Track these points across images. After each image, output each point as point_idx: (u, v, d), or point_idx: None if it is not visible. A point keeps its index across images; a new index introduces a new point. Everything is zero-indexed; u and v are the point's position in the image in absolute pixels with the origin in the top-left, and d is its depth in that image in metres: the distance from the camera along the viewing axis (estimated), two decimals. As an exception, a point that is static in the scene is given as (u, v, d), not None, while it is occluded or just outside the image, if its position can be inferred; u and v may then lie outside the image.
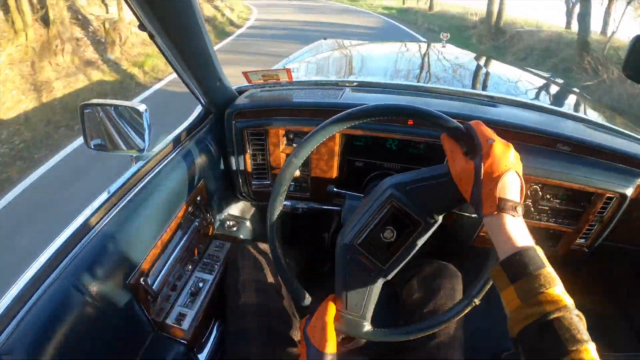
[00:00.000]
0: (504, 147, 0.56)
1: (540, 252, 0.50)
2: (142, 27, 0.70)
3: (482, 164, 0.55)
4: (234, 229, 1.09)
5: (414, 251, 0.66)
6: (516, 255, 0.49)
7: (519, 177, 0.56)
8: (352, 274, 0.67)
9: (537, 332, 0.45)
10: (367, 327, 0.69)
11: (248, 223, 1.11)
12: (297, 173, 1.04)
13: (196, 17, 0.71)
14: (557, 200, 0.92)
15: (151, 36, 0.72)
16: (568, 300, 0.46)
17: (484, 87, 1.45)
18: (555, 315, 0.44)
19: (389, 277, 0.67)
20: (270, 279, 0.90)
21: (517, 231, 0.52)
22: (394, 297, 0.99)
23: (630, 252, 1.03)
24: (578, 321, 0.44)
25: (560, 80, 2.05)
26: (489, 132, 0.59)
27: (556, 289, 0.46)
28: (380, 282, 0.68)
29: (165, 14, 0.66)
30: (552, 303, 0.45)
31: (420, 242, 0.65)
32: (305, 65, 1.54)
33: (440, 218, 0.65)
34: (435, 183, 0.63)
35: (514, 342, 0.49)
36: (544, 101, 1.38)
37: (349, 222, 0.70)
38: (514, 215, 0.53)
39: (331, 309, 0.67)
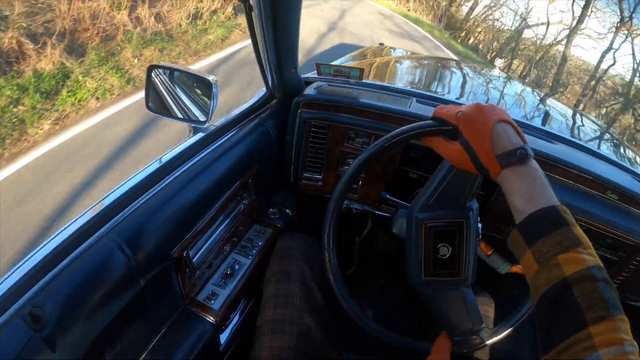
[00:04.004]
0: (473, 110, 0.54)
1: (564, 210, 0.44)
2: None
3: (465, 137, 0.53)
4: (276, 217, 1.06)
5: (477, 246, 0.68)
6: (533, 215, 0.44)
7: (506, 122, 0.52)
8: (441, 302, 0.68)
9: (554, 300, 0.39)
10: (482, 334, 0.69)
11: (290, 214, 1.08)
12: None
13: (300, 1, 0.68)
14: (597, 245, 0.91)
15: (249, 9, 0.69)
16: (593, 263, 0.39)
17: (540, 122, 1.42)
18: (577, 278, 0.38)
19: (473, 281, 0.68)
20: (316, 275, 0.87)
21: (529, 182, 0.48)
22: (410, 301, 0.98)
23: None
24: (605, 288, 0.37)
25: (611, 129, 2.01)
26: (454, 107, 0.57)
27: (580, 249, 0.40)
28: (468, 291, 0.69)
29: None
30: (574, 264, 0.39)
31: (476, 235, 0.67)
32: (367, 67, 1.51)
33: (475, 202, 0.67)
34: (447, 182, 0.64)
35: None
36: (594, 146, 1.36)
37: (406, 264, 0.72)
38: (521, 162, 0.49)
39: (446, 344, 0.68)
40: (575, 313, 0.36)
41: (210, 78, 0.85)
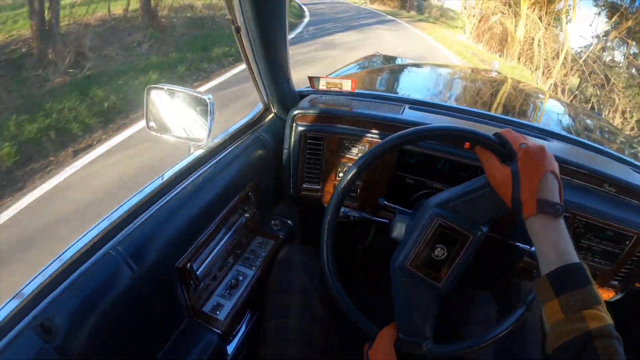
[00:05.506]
0: (538, 149, 0.57)
1: (586, 268, 0.50)
2: (231, 20, 0.70)
3: (519, 168, 0.56)
4: (278, 228, 1.08)
5: (467, 265, 0.68)
6: (564, 269, 0.49)
7: (556, 177, 0.56)
8: (409, 297, 0.69)
9: (577, 350, 0.44)
10: (429, 345, 0.70)
11: (291, 224, 1.10)
12: None
13: (284, 17, 0.72)
14: (598, 239, 0.91)
15: (237, 30, 0.72)
16: (609, 322, 0.46)
17: (535, 119, 1.43)
18: (598, 333, 0.44)
19: (447, 294, 0.68)
20: (316, 284, 0.89)
21: (560, 237, 0.52)
22: None
23: None
24: (618, 344, 0.44)
25: (607, 121, 2.01)
26: (521, 137, 0.60)
27: (600, 307, 0.46)
28: (438, 301, 0.69)
29: (258, 9, 0.66)
30: (596, 320, 0.45)
31: (471, 255, 0.67)
32: (362, 77, 1.54)
33: (487, 228, 0.67)
34: (476, 195, 0.65)
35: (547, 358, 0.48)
36: (588, 139, 1.36)
37: (399, 245, 0.72)
38: (555, 216, 0.53)
39: (392, 335, 0.69)
40: None
41: (207, 97, 0.88)
